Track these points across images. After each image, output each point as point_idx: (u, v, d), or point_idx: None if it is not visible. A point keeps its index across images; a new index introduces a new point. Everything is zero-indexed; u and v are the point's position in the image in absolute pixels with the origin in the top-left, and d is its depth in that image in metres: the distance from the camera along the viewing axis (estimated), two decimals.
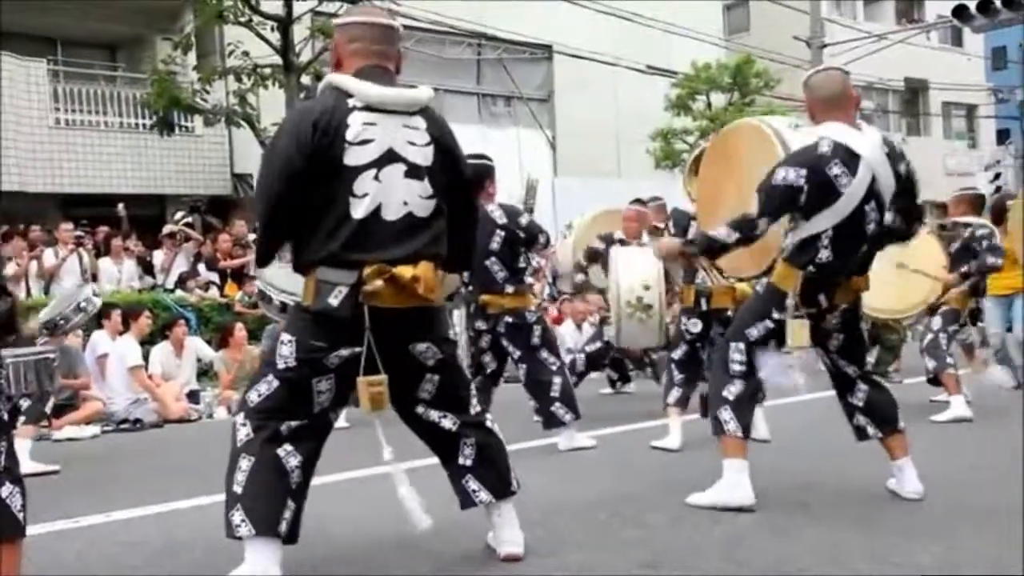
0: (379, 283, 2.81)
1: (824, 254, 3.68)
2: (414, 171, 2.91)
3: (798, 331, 3.73)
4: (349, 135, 2.83)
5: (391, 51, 3.02)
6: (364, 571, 3.16)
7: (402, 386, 3.02)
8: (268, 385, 2.92)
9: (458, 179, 3.08)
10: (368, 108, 2.87)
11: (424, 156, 2.94)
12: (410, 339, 2.96)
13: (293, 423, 2.92)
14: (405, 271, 2.84)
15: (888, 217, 3.80)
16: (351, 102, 2.87)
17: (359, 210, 2.84)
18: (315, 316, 2.89)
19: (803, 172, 3.62)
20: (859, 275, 3.83)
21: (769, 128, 4.07)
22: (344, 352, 2.89)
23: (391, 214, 2.88)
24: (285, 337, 2.94)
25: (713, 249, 3.82)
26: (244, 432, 2.91)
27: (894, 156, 3.75)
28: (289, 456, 2.90)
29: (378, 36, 3.00)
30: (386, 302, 2.84)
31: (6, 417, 2.61)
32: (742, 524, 3.55)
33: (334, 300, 2.85)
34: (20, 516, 2.53)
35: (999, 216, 7.10)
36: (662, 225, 6.74)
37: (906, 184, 3.80)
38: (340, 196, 2.83)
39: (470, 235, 3.25)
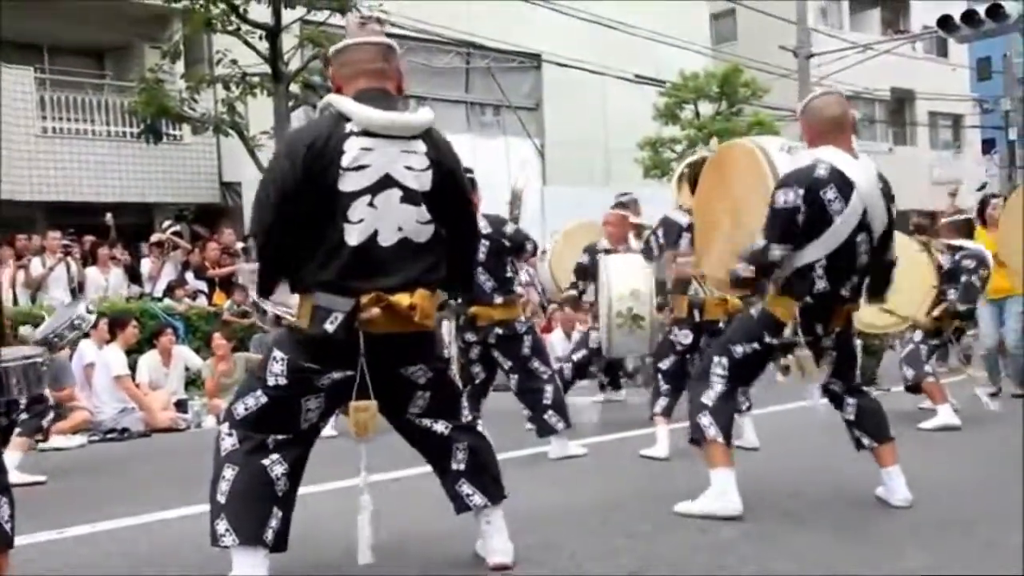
0: (376, 311, 2.81)
1: (821, 284, 3.68)
2: (410, 196, 2.90)
3: (809, 366, 3.75)
4: (344, 161, 2.81)
5: (388, 69, 2.99)
6: None
7: (394, 403, 3.03)
8: (256, 400, 2.92)
9: (460, 202, 3.07)
10: (366, 133, 2.85)
11: (421, 181, 2.92)
12: (403, 362, 2.97)
13: (279, 436, 2.92)
14: (402, 299, 2.84)
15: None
16: (348, 127, 2.85)
17: (354, 236, 2.83)
18: (309, 338, 2.88)
19: (800, 192, 3.61)
20: (852, 302, 3.86)
21: (760, 151, 4.02)
22: (336, 375, 2.90)
23: (386, 240, 2.87)
24: (277, 354, 2.94)
25: (742, 285, 3.82)
26: (229, 442, 2.91)
27: (888, 194, 3.76)
28: (275, 464, 2.90)
29: (372, 55, 2.97)
30: (381, 328, 2.84)
31: None
32: (730, 531, 3.56)
33: (330, 326, 2.84)
34: (7, 527, 2.53)
35: (980, 212, 7.36)
36: (638, 219, 6.72)
37: (888, 229, 3.81)
38: (335, 222, 2.82)
39: (471, 258, 3.25)
